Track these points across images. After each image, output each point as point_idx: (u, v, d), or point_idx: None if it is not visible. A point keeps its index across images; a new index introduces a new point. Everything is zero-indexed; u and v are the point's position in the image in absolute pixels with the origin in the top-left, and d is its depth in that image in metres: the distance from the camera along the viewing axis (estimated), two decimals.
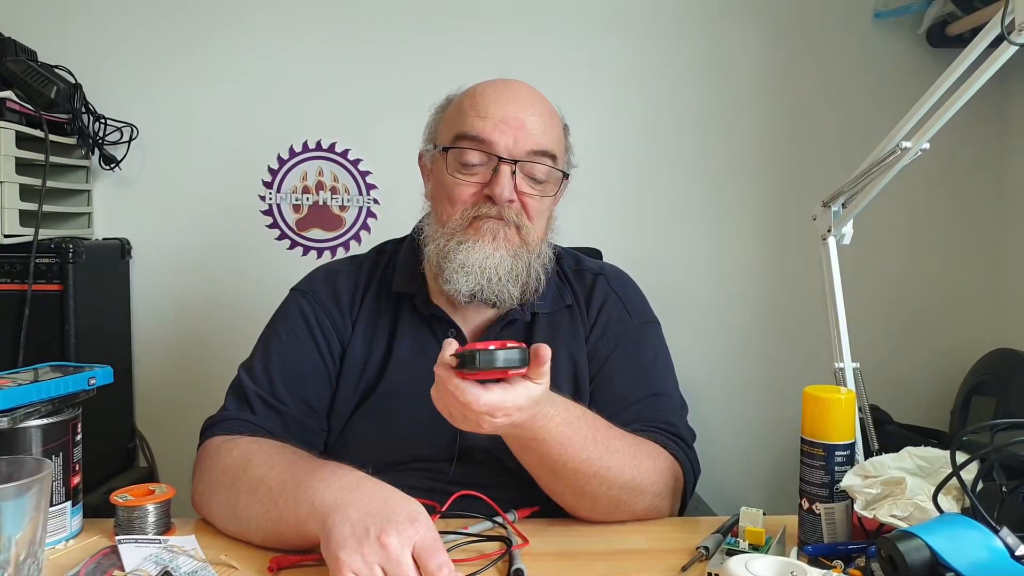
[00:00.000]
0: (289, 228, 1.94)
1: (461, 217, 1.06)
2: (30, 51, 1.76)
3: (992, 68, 0.92)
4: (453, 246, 1.05)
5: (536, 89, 1.11)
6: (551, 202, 1.11)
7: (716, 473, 1.95)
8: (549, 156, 1.07)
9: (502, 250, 1.05)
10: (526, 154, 1.05)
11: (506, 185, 1.04)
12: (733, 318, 1.99)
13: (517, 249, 1.06)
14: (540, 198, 1.08)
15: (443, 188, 1.08)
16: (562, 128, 1.13)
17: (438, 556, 0.75)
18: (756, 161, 1.97)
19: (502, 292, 1.05)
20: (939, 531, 0.71)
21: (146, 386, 1.92)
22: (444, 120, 1.12)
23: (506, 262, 1.05)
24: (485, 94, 1.07)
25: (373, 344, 1.11)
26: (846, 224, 1.14)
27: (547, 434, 0.88)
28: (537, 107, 1.08)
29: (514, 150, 1.05)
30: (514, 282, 1.06)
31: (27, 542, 0.67)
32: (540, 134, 1.06)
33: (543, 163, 1.06)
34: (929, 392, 1.98)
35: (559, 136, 1.11)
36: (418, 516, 0.78)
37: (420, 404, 1.06)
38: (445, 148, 1.08)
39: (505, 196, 1.04)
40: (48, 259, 1.59)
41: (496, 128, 1.04)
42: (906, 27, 1.94)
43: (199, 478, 0.99)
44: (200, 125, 1.91)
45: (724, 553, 0.86)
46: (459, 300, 1.07)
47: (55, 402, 0.91)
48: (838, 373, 1.12)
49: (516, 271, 1.06)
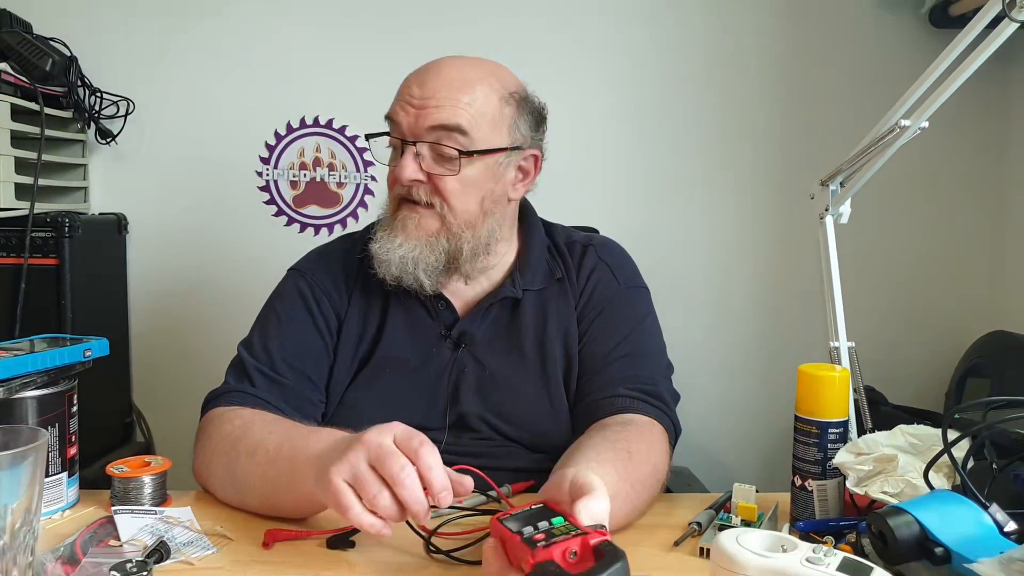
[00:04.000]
0: (286, 204, 1.93)
1: (390, 204, 1.08)
2: (25, 23, 1.75)
3: (992, 46, 0.91)
4: (376, 236, 1.07)
5: (471, 62, 1.08)
6: (479, 178, 1.06)
7: (710, 450, 1.96)
8: (457, 131, 1.03)
9: (413, 240, 1.05)
10: (426, 131, 1.03)
11: (406, 166, 1.03)
12: (730, 295, 1.99)
13: (431, 238, 1.05)
14: (453, 176, 1.04)
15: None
16: (498, 99, 1.06)
17: (416, 437, 0.76)
18: (755, 140, 1.96)
19: (419, 280, 1.05)
20: (929, 507, 0.72)
21: (143, 361, 1.92)
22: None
23: (414, 252, 1.04)
24: (408, 76, 1.08)
25: (368, 318, 1.13)
26: (844, 203, 1.14)
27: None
28: (449, 81, 1.04)
29: (415, 128, 1.03)
30: (428, 271, 1.05)
31: (23, 511, 0.67)
32: (444, 110, 1.02)
33: (447, 141, 1.03)
34: (924, 374, 1.99)
35: (480, 110, 1.04)
36: (395, 422, 0.78)
37: (413, 374, 1.09)
38: (367, 136, 1.11)
39: (405, 176, 1.03)
40: (44, 233, 1.58)
41: (401, 109, 1.05)
42: (908, 7, 1.92)
43: (199, 447, 1.00)
44: (197, 100, 1.89)
45: (716, 529, 0.87)
46: (389, 284, 1.08)
47: (51, 373, 0.91)
48: (833, 352, 1.13)
49: (428, 260, 1.05)
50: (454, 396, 1.08)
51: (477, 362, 1.10)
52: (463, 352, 1.10)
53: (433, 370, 1.09)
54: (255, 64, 1.89)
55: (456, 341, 1.11)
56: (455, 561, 0.81)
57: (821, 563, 0.65)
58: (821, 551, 0.66)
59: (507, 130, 1.07)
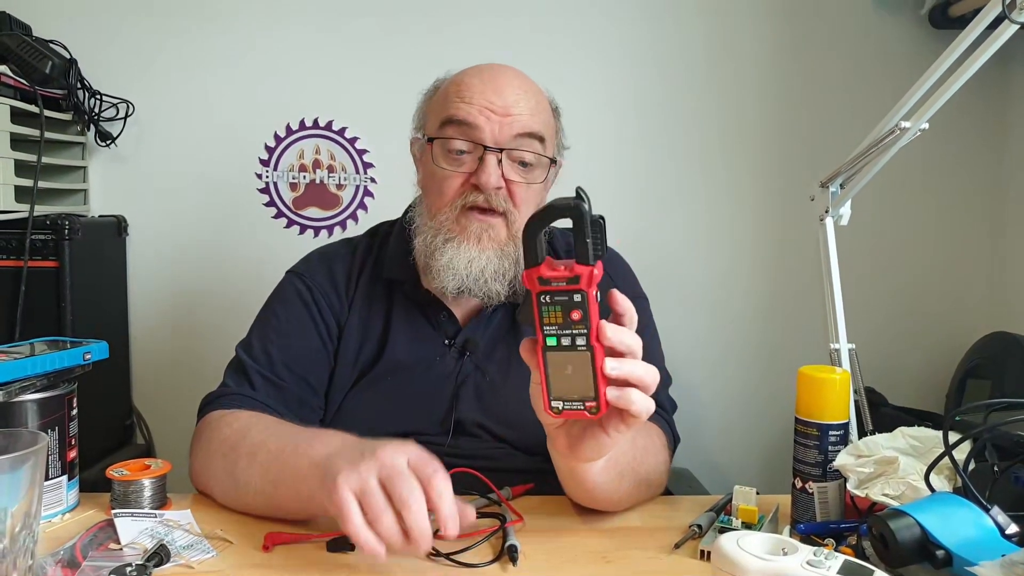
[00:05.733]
0: (286, 206, 1.93)
1: (450, 210, 1.05)
2: (25, 25, 1.74)
3: (993, 47, 0.91)
4: (439, 244, 1.05)
5: (522, 72, 1.10)
6: (540, 188, 1.09)
7: (710, 452, 1.96)
8: (537, 139, 1.06)
9: (488, 251, 1.05)
10: (512, 139, 1.04)
11: (492, 172, 1.03)
12: (729, 297, 1.99)
13: (503, 247, 1.06)
14: (527, 185, 1.06)
15: (433, 179, 1.08)
16: (551, 111, 1.12)
17: (431, 464, 0.75)
18: (755, 141, 1.96)
19: (489, 290, 1.06)
20: (930, 509, 0.72)
21: (143, 364, 1.92)
22: (431, 107, 1.12)
23: (492, 263, 1.05)
24: (470, 80, 1.06)
25: (369, 324, 1.12)
26: (844, 205, 1.14)
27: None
28: (523, 90, 1.06)
29: (499, 136, 1.03)
30: (500, 280, 1.06)
31: (22, 514, 0.67)
32: (527, 118, 1.04)
33: (530, 148, 1.05)
34: (925, 375, 1.99)
35: (547, 119, 1.09)
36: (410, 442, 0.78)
37: (417, 381, 1.09)
38: (431, 139, 1.07)
39: (492, 184, 1.03)
40: (44, 236, 1.58)
41: (481, 114, 1.03)
42: (908, 8, 1.92)
43: (197, 450, 0.99)
44: (196, 102, 1.89)
45: (717, 531, 0.87)
46: (447, 294, 1.08)
47: (50, 376, 0.91)
48: (834, 354, 1.12)
49: (502, 270, 1.05)
50: (455, 403, 1.08)
51: (478, 370, 1.10)
52: (467, 360, 1.10)
53: (437, 377, 1.09)
54: (255, 66, 1.89)
55: (461, 349, 1.11)
56: (455, 564, 0.80)
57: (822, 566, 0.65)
58: (822, 554, 0.66)
59: (557, 141, 1.12)
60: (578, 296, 0.67)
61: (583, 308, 0.68)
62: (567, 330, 0.68)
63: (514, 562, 0.81)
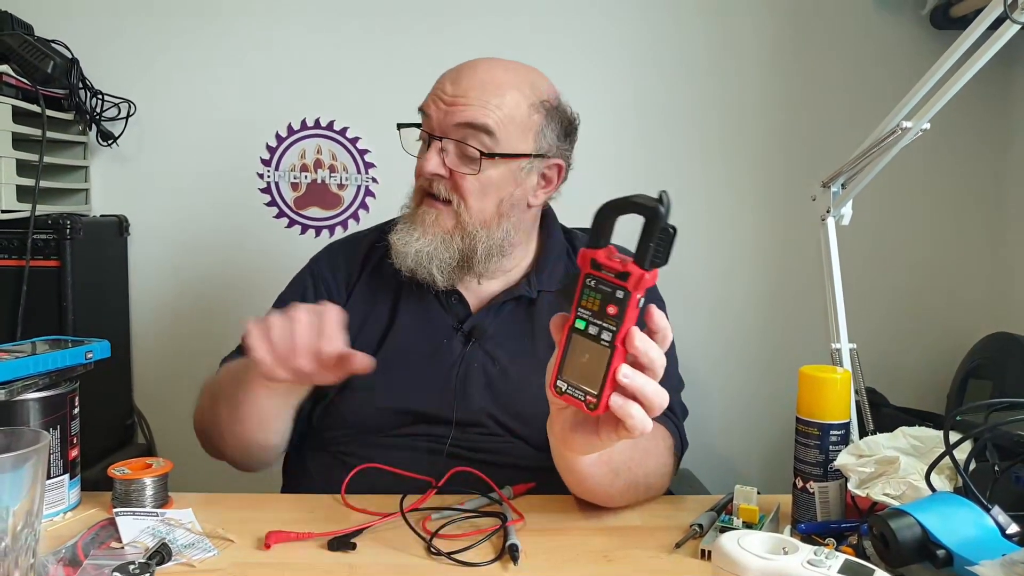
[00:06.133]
0: (287, 206, 1.93)
1: (414, 195, 1.11)
2: (27, 25, 1.75)
3: (994, 47, 0.91)
4: (397, 227, 1.10)
5: (507, 67, 1.09)
6: (501, 181, 1.07)
7: (711, 452, 1.96)
8: (482, 131, 1.04)
9: (429, 236, 1.07)
10: (453, 128, 1.05)
11: (430, 159, 1.06)
12: (731, 297, 1.99)
13: (447, 234, 1.07)
14: (474, 176, 1.05)
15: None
16: (529, 105, 1.07)
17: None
18: (756, 141, 1.96)
19: (432, 275, 1.08)
20: (931, 509, 0.72)
21: (144, 363, 1.92)
22: None
23: (428, 247, 1.07)
24: (444, 72, 1.10)
25: (377, 305, 1.15)
26: (845, 204, 1.14)
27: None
28: (482, 81, 1.05)
29: (443, 123, 1.06)
30: (442, 267, 1.08)
31: (24, 513, 0.67)
32: (474, 109, 1.04)
33: (471, 140, 1.04)
34: (926, 375, 1.99)
35: (509, 113, 1.05)
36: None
37: (423, 364, 1.10)
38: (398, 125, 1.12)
39: (426, 170, 1.06)
40: (45, 235, 1.58)
41: (433, 103, 1.07)
42: (909, 8, 1.92)
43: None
44: (198, 102, 1.89)
45: (718, 531, 0.87)
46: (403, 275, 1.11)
47: (52, 375, 0.91)
48: (835, 353, 1.12)
49: (442, 257, 1.07)
50: (462, 390, 1.08)
51: (488, 356, 1.11)
52: (473, 346, 1.11)
53: (443, 362, 1.10)
54: (256, 66, 1.89)
55: (467, 335, 1.12)
56: (456, 563, 0.81)
57: (822, 565, 0.65)
58: (822, 553, 0.66)
59: (534, 137, 1.09)
60: (621, 293, 0.67)
61: (621, 307, 0.67)
62: (599, 320, 0.68)
63: (515, 561, 0.81)
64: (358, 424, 1.08)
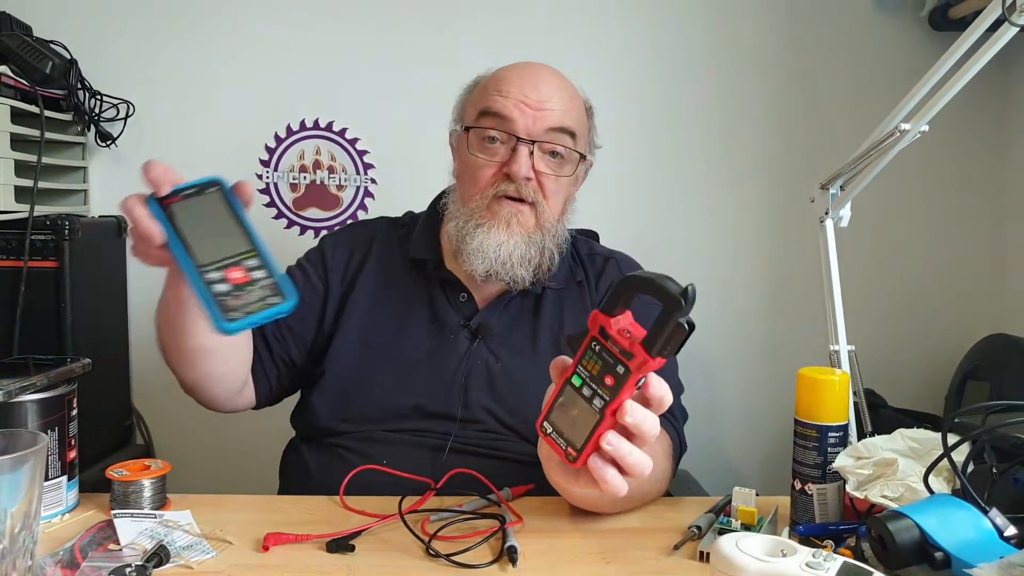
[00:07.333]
0: (286, 207, 1.93)
1: (482, 198, 1.11)
2: (25, 26, 1.74)
3: (993, 49, 0.91)
4: (471, 229, 1.11)
5: (559, 71, 1.16)
6: (568, 182, 1.14)
7: (709, 454, 1.96)
8: (568, 134, 1.11)
9: (516, 236, 1.10)
10: (544, 132, 1.10)
11: (523, 163, 1.08)
12: (729, 298, 1.99)
13: (531, 234, 1.11)
14: (556, 177, 1.12)
15: (467, 167, 1.14)
16: (584, 109, 1.18)
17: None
18: (754, 142, 1.96)
19: (515, 275, 1.11)
20: (929, 511, 0.72)
21: (143, 365, 1.92)
22: (469, 101, 1.18)
23: (519, 248, 1.10)
24: (508, 75, 1.13)
25: (383, 301, 1.16)
26: (844, 206, 1.14)
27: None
28: (558, 87, 1.12)
29: (532, 128, 1.09)
30: (526, 266, 1.11)
31: (22, 515, 0.67)
32: (559, 113, 1.10)
33: (561, 142, 1.11)
34: (924, 377, 1.99)
35: (580, 116, 1.15)
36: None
37: (429, 359, 1.12)
38: (467, 127, 1.13)
39: (522, 174, 1.08)
40: (44, 236, 1.58)
41: (516, 107, 1.09)
42: (908, 10, 1.92)
43: None
44: (197, 103, 1.89)
45: (716, 532, 0.87)
46: (476, 278, 1.12)
47: (50, 377, 0.91)
48: (833, 355, 1.12)
49: (528, 256, 1.10)
50: (466, 387, 1.10)
51: (491, 354, 1.12)
52: (479, 344, 1.13)
53: (448, 359, 1.12)
54: (255, 67, 1.89)
55: (474, 332, 1.13)
56: (455, 565, 0.80)
57: (821, 567, 0.65)
58: (821, 555, 0.66)
59: (588, 138, 1.19)
60: (621, 369, 0.66)
61: (619, 381, 0.66)
62: (594, 385, 0.68)
63: (513, 563, 0.81)
64: (363, 417, 1.10)
